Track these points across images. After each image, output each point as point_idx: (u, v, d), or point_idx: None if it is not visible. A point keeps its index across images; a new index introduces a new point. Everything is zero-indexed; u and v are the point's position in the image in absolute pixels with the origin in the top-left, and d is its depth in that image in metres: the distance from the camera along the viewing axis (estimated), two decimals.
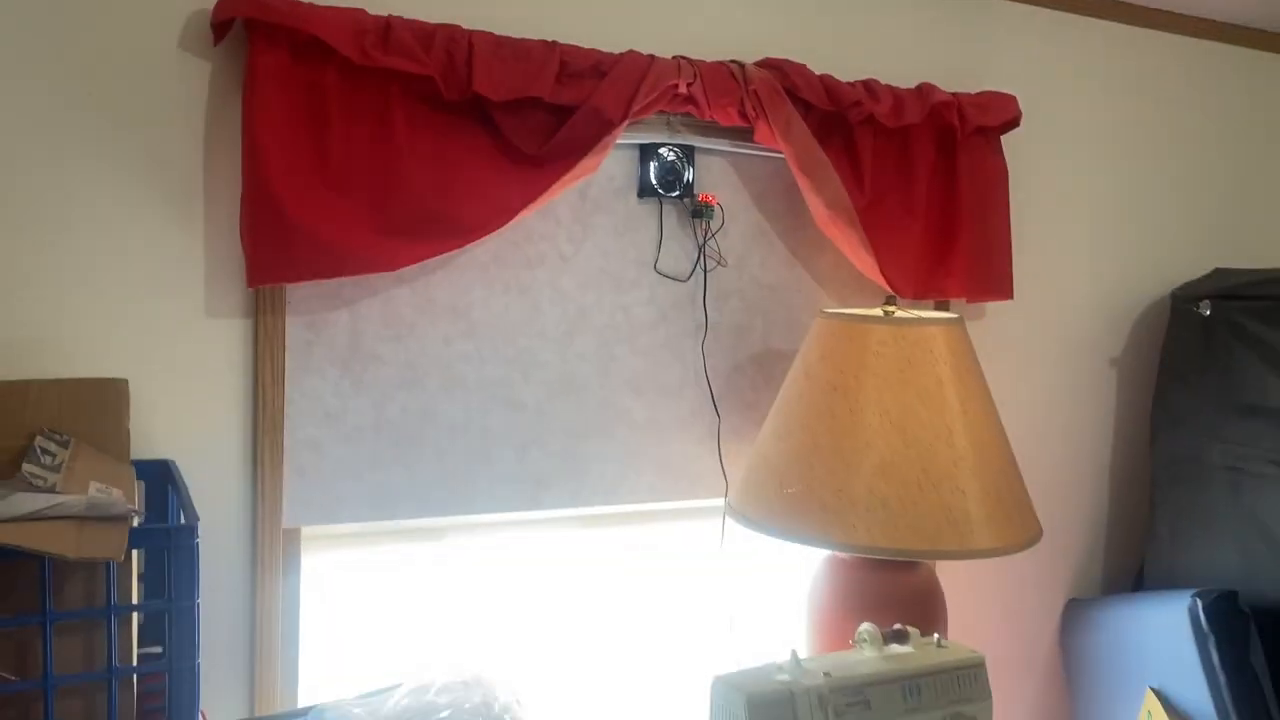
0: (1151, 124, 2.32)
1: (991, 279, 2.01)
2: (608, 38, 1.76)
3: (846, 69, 1.91)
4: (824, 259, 1.96)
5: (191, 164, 1.51)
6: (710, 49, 1.83)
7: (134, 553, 1.26)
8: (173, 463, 1.49)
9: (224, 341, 1.55)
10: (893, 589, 1.65)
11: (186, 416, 1.54)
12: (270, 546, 1.59)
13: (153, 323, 1.51)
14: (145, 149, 1.48)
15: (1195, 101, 2.37)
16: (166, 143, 1.49)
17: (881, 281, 1.89)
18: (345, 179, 1.51)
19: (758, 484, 1.64)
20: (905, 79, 1.94)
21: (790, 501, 1.57)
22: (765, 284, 1.91)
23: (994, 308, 2.15)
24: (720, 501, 1.90)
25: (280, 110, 1.47)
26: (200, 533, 1.54)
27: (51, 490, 1.21)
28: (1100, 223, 2.28)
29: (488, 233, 1.59)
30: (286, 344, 1.59)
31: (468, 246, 1.61)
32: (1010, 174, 2.03)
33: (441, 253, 1.57)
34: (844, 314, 1.65)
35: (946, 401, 1.56)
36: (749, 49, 1.86)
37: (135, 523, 1.22)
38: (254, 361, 1.57)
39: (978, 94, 1.98)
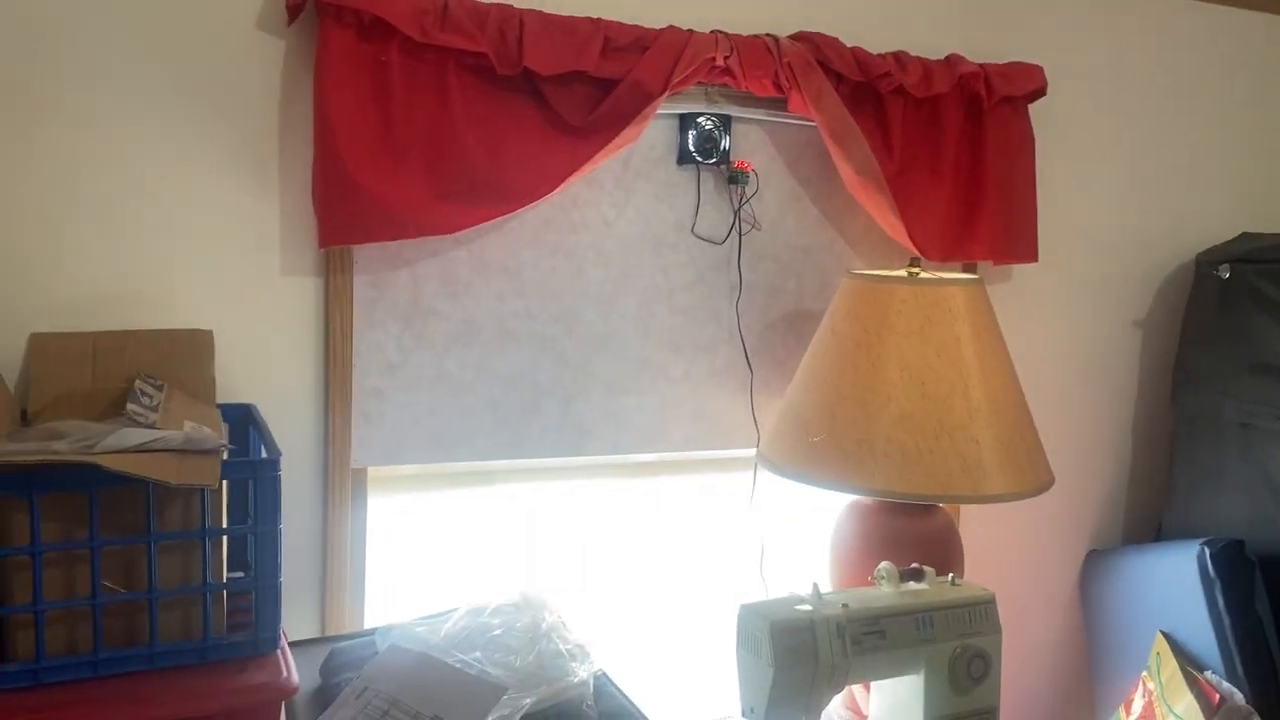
0: (1181, 90, 2.38)
1: (1017, 242, 2.10)
2: (648, 14, 1.87)
3: (877, 41, 2.00)
4: (855, 223, 2.06)
5: (268, 135, 1.66)
6: (746, 24, 1.93)
7: (223, 483, 1.41)
8: (254, 406, 1.64)
9: (298, 297, 1.70)
10: (912, 532, 1.76)
11: (265, 365, 1.69)
12: (340, 484, 1.75)
13: (235, 280, 1.66)
14: (227, 122, 1.63)
15: (1224, 67, 2.42)
16: (246, 116, 1.64)
17: (909, 244, 1.98)
18: (407, 149, 1.65)
19: (785, 433, 1.76)
20: (934, 50, 2.02)
21: (815, 449, 1.69)
22: (798, 246, 2.02)
23: (1021, 270, 2.24)
24: (752, 452, 2.03)
25: (348, 85, 1.60)
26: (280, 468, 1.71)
27: (152, 427, 1.37)
28: (1128, 188, 2.35)
29: (536, 199, 1.72)
30: (354, 301, 1.73)
31: (518, 211, 1.74)
32: (1038, 140, 2.11)
33: (494, 217, 1.70)
34: (869, 275, 1.75)
35: (964, 357, 1.67)
36: (783, 23, 1.96)
37: (226, 456, 1.38)
38: (325, 316, 1.72)
39: (1004, 64, 2.05)
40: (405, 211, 1.63)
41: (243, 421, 1.65)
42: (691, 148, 1.90)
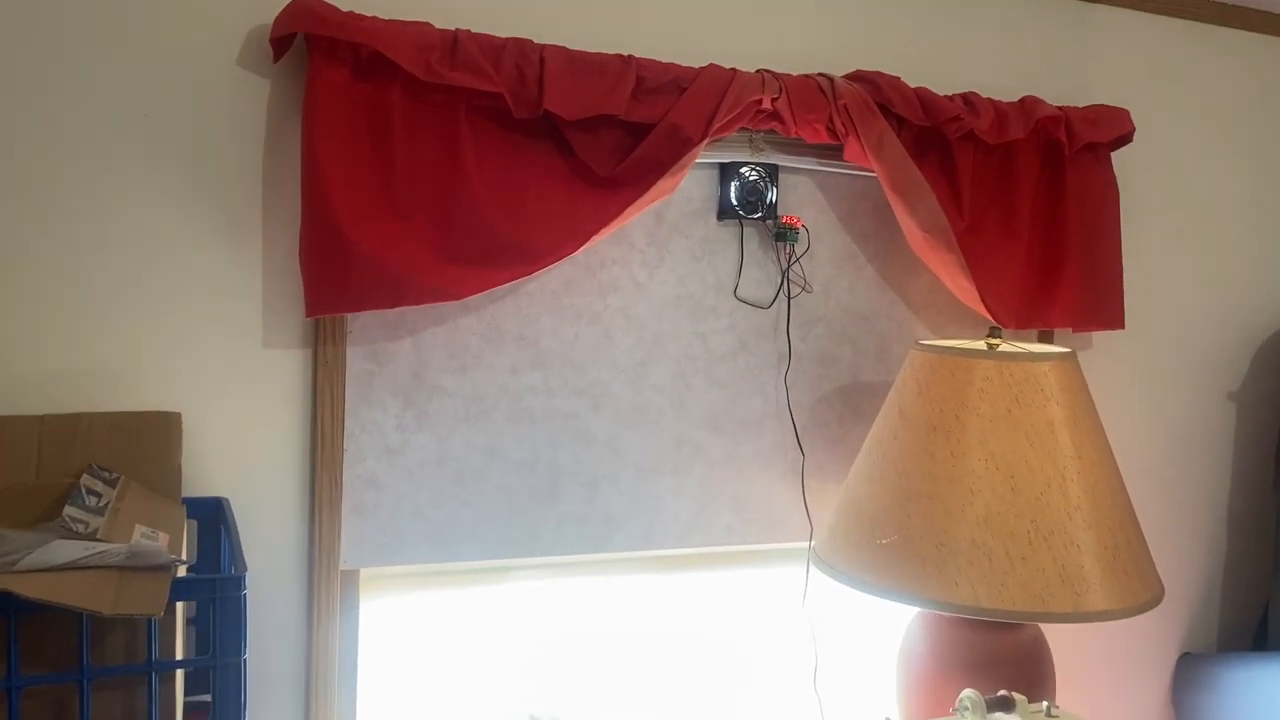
0: (1273, 138, 2.14)
1: (1101, 307, 1.85)
2: (685, 51, 1.66)
3: (940, 81, 1.78)
4: (917, 285, 1.83)
5: (249, 188, 1.44)
6: (795, 62, 1.72)
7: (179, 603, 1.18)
8: (226, 501, 1.41)
9: (281, 373, 1.48)
10: (996, 649, 1.50)
11: (241, 452, 1.46)
12: (327, 588, 1.51)
13: (207, 353, 1.44)
14: (201, 171, 1.42)
15: None
16: (224, 165, 1.43)
17: (982, 310, 1.74)
18: (410, 202, 1.43)
19: (847, 531, 1.51)
20: (1002, 91, 1.79)
21: (884, 553, 1.44)
22: (853, 311, 1.79)
23: (1102, 338, 1.99)
24: (804, 545, 1.78)
25: (342, 130, 1.39)
26: (252, 578, 1.47)
27: (92, 537, 1.13)
28: (1217, 245, 2.10)
29: (559, 259, 1.49)
30: (346, 375, 1.51)
31: (538, 274, 1.52)
32: (1120, 192, 1.88)
33: (510, 280, 1.47)
34: (943, 346, 1.51)
35: (1059, 445, 1.42)
36: (837, 62, 1.74)
37: (181, 571, 1.15)
38: (313, 394, 1.49)
39: (1086, 108, 1.83)
40: (407, 275, 1.41)
41: (214, 518, 1.42)
42: (734, 201, 1.68)
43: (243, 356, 1.45)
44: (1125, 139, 1.84)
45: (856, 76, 1.67)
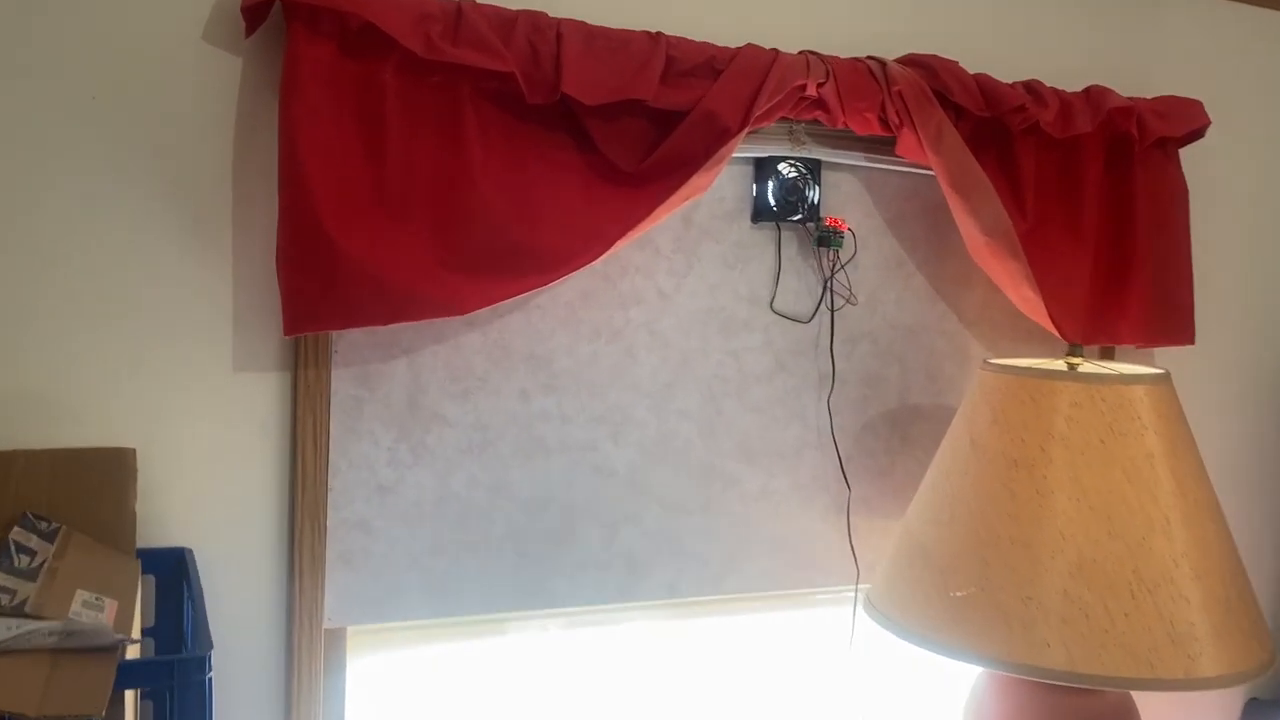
0: None
1: (1170, 320, 1.67)
2: (717, 29, 1.46)
3: (983, 66, 1.59)
4: (971, 295, 1.63)
5: (217, 184, 1.23)
6: (837, 43, 1.52)
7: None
8: (189, 552, 1.20)
9: (255, 400, 1.26)
10: (1079, 714, 1.31)
11: (208, 494, 1.25)
12: (309, 651, 1.30)
13: (167, 378, 1.22)
14: (159, 164, 1.20)
15: None
16: (187, 157, 1.22)
17: (1046, 323, 1.55)
18: (405, 202, 1.22)
19: (911, 580, 1.31)
20: (1052, 78, 1.60)
21: (959, 607, 1.24)
22: (901, 325, 1.59)
23: (1166, 355, 1.80)
24: (849, 590, 1.58)
25: (325, 116, 1.18)
26: (221, 644, 1.26)
27: (19, 610, 0.92)
28: None
29: (577, 268, 1.29)
30: (332, 403, 1.30)
31: (552, 285, 1.31)
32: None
33: (522, 293, 1.27)
34: (1019, 367, 1.32)
35: (1159, 481, 1.23)
36: (881, 43, 1.55)
37: (134, 651, 0.94)
38: (292, 425, 1.28)
39: (1155, 99, 1.64)
40: (403, 286, 1.20)
41: (175, 573, 1.21)
42: (771, 201, 1.48)
43: (209, 381, 1.24)
44: (1197, 134, 1.66)
45: (909, 60, 1.48)
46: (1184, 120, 1.63)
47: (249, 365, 1.26)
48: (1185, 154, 1.70)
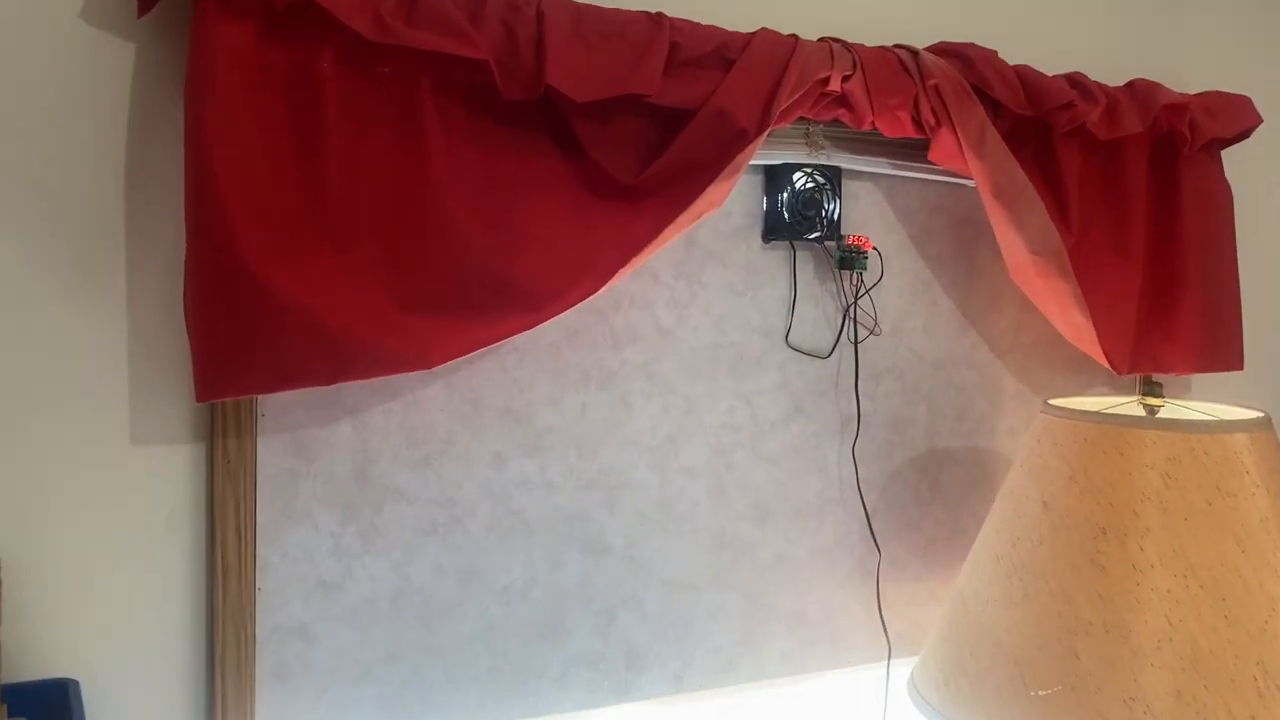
0: None
1: (1219, 343, 1.48)
2: (716, 10, 1.23)
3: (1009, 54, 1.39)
4: (1001, 321, 1.42)
5: (106, 207, 0.95)
6: (853, 28, 1.30)
7: None
8: (74, 684, 0.92)
9: (160, 482, 0.99)
10: None
11: (100, 607, 0.97)
12: None
13: (42, 459, 0.94)
14: (30, 185, 0.92)
15: None
16: (64, 172, 0.93)
17: (1096, 352, 1.35)
18: (351, 227, 0.96)
19: (976, 673, 1.09)
20: (1064, 68, 1.41)
21: (1041, 708, 1.02)
22: (929, 358, 1.37)
23: (1205, 383, 1.62)
24: (879, 668, 1.35)
25: (246, 120, 0.91)
26: None
27: None
28: None
29: (570, 305, 1.04)
30: (259, 480, 1.03)
31: (538, 328, 1.06)
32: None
33: (502, 339, 1.02)
34: (1093, 413, 1.11)
35: (1278, 550, 1.03)
36: (900, 28, 1.33)
37: None
38: (208, 511, 1.01)
39: (1201, 95, 1.45)
40: (351, 336, 0.94)
41: (55, 713, 0.92)
42: (785, 216, 1.25)
43: (99, 461, 0.96)
44: (1245, 134, 1.48)
45: (942, 50, 1.27)
46: (1234, 119, 1.45)
47: (151, 437, 0.98)
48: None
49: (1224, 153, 1.49)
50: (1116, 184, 1.39)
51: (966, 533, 1.40)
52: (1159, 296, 1.44)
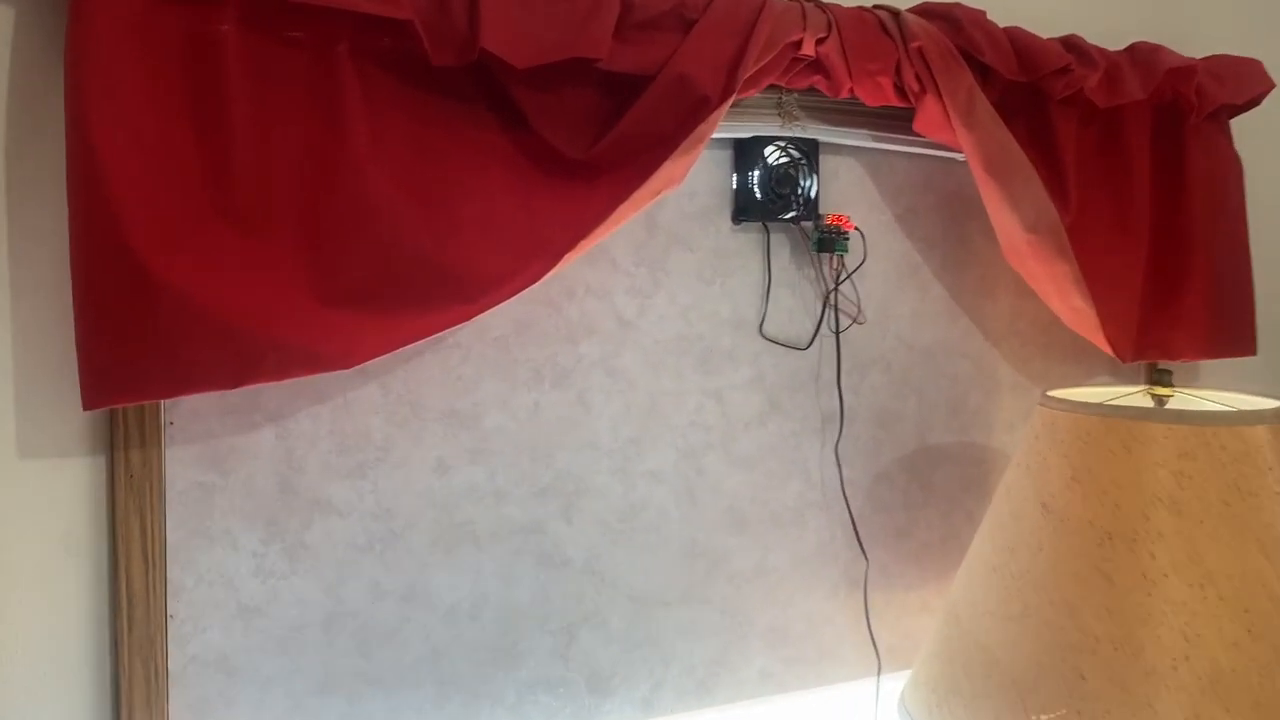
0: None
1: (1230, 328, 1.38)
2: None
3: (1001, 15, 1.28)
4: (995, 307, 1.32)
5: None
6: None
7: None
8: None
9: (52, 501, 0.88)
10: None
11: None
12: None
13: None
14: None
15: None
16: None
17: (1098, 338, 1.25)
18: (261, 208, 0.85)
19: (972, 694, 0.99)
20: (1055, 30, 1.30)
21: None
22: (918, 347, 1.27)
23: (1215, 369, 1.51)
24: (868, 685, 1.25)
25: (136, 89, 0.81)
26: None
27: None
28: None
29: (512, 294, 0.93)
30: (168, 496, 0.92)
31: (477, 318, 0.95)
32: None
33: (436, 332, 0.91)
34: (1097, 405, 1.00)
35: None
36: None
37: None
38: (110, 531, 0.90)
39: (1208, 59, 1.35)
40: (261, 331, 0.83)
41: None
42: (757, 194, 1.14)
43: None
44: (1255, 101, 1.37)
45: (925, 10, 1.16)
46: (1244, 85, 1.34)
47: (42, 450, 0.88)
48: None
49: (1232, 122, 1.39)
50: (1117, 157, 1.29)
51: (961, 537, 1.30)
52: (1164, 278, 1.33)
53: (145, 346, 0.80)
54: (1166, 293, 1.33)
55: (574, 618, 1.09)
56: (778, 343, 1.18)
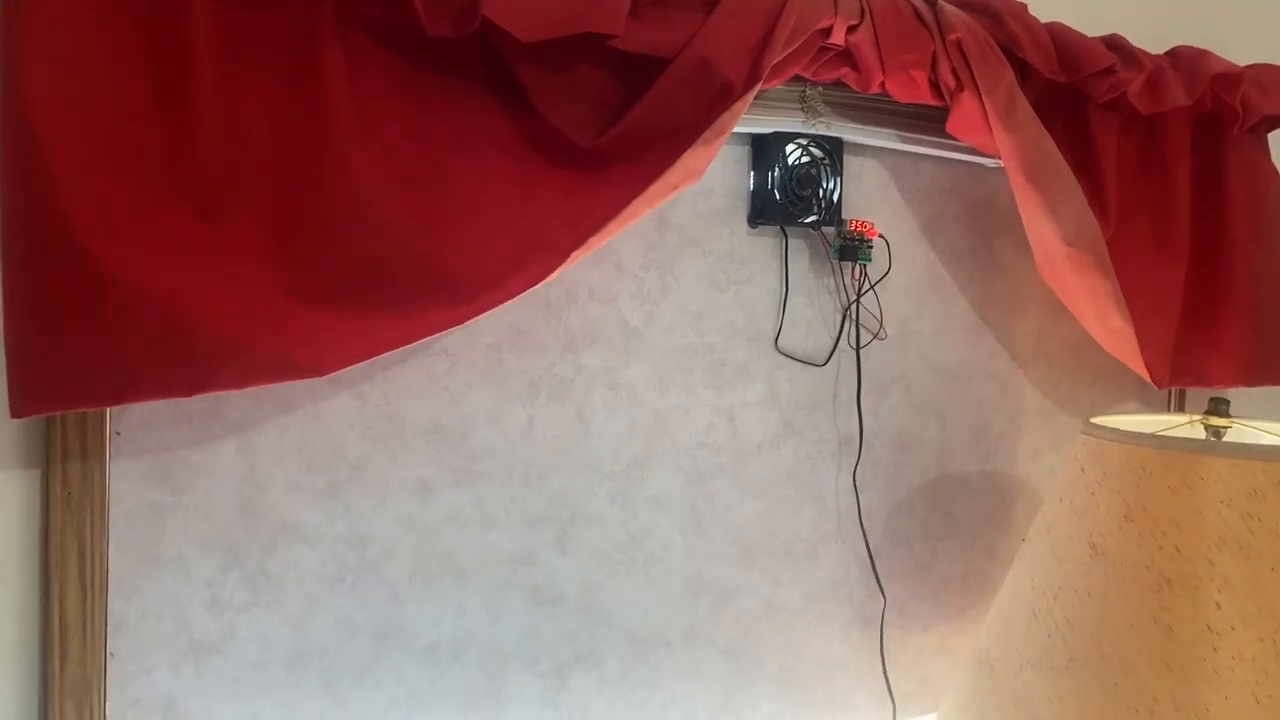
0: None
1: (1270, 353, 1.29)
2: None
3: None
4: (1023, 325, 1.23)
5: None
6: None
7: None
8: None
9: None
10: None
11: None
12: None
13: None
14: None
15: None
16: None
17: (1135, 361, 1.16)
18: (225, 188, 0.74)
19: None
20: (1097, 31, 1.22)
21: None
22: (941, 368, 1.17)
23: (1247, 397, 1.43)
24: None
25: (83, 53, 0.70)
26: None
27: None
28: None
29: (509, 296, 0.83)
30: (112, 516, 0.81)
31: (470, 322, 0.85)
32: None
33: (422, 337, 0.80)
34: (1150, 436, 0.91)
35: None
36: None
37: None
38: (42, 556, 0.79)
39: (1249, 68, 1.26)
40: (223, 331, 0.72)
41: None
42: (776, 195, 1.04)
43: None
44: None
45: (963, 2, 1.07)
46: None
47: None
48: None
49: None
50: (1157, 168, 1.20)
51: (982, 574, 1.20)
52: (1202, 299, 1.25)
53: (87, 346, 0.69)
54: (1205, 315, 1.24)
55: (566, 658, 0.98)
56: (794, 358, 1.08)
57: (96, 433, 0.79)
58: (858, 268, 1.10)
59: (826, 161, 1.06)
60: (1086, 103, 1.13)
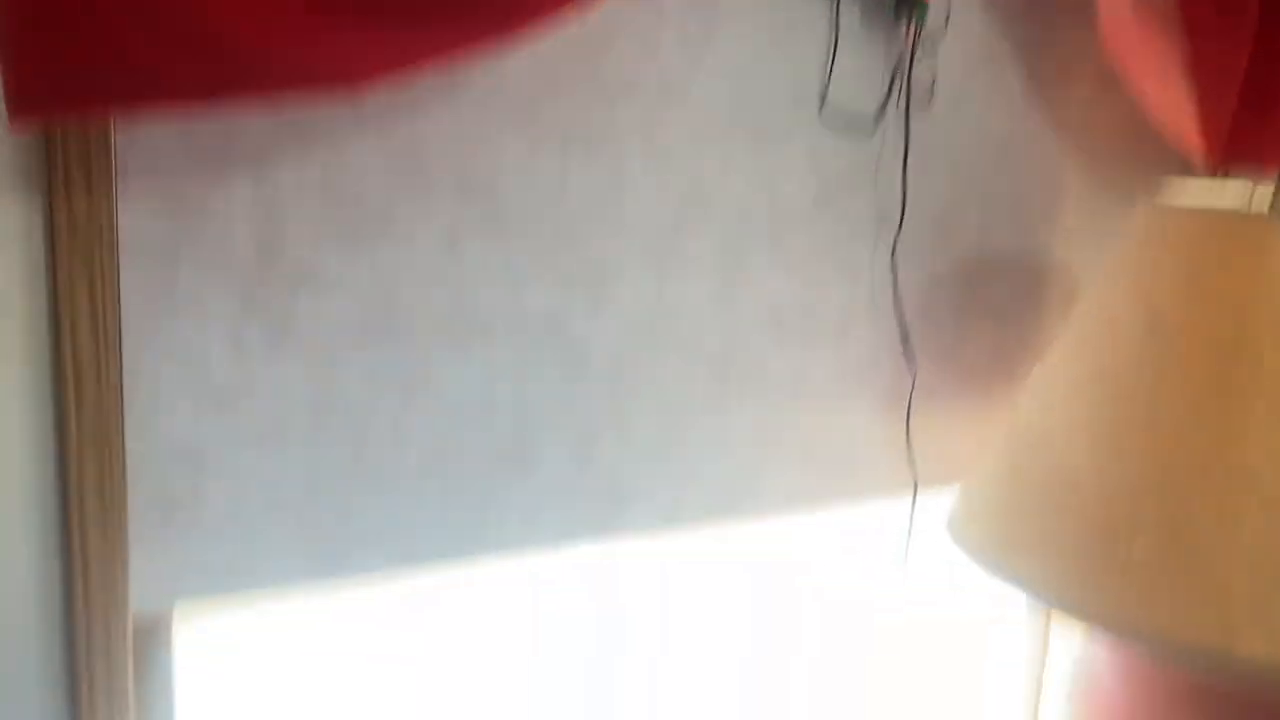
0: None
1: None
2: None
3: None
4: (1074, 99, 1.16)
5: None
6: None
7: None
8: None
9: None
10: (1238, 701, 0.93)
11: None
12: (106, 653, 0.79)
13: None
14: None
15: None
16: None
17: (1191, 134, 1.10)
18: None
19: (1043, 522, 0.88)
20: None
21: (1135, 568, 0.82)
22: (990, 140, 1.11)
23: None
24: (902, 504, 1.15)
25: None
26: None
27: None
28: None
29: (559, 17, 0.75)
30: (121, 251, 0.75)
31: (516, 42, 0.77)
32: None
33: (452, 59, 0.73)
34: (1218, 211, 0.86)
35: None
36: None
37: None
38: (51, 291, 0.74)
39: None
40: (240, 36, 0.65)
41: None
42: None
43: None
44: None
45: None
46: None
47: None
48: None
49: None
50: None
51: (1011, 357, 1.18)
52: (1261, 75, 1.18)
53: (90, 45, 0.61)
54: (1265, 93, 1.18)
55: (596, 425, 0.96)
56: (838, 125, 1.02)
57: (101, 163, 0.72)
58: (914, 26, 1.02)
59: None
60: None
